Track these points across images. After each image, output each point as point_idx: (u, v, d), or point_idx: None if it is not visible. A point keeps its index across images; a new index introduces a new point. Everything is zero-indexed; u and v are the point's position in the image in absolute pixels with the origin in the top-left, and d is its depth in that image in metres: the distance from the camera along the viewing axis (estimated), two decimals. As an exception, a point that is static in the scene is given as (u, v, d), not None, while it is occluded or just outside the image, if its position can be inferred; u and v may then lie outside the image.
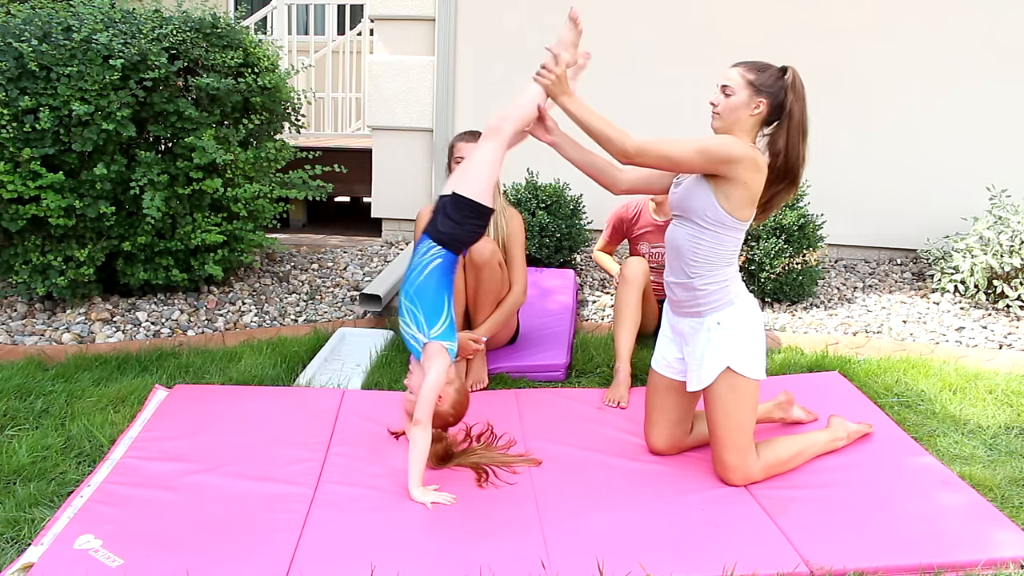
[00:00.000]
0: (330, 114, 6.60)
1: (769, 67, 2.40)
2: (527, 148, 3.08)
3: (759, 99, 2.38)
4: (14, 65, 3.49)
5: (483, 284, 3.19)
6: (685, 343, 2.55)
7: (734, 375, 2.42)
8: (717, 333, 2.44)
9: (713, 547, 2.18)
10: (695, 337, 2.50)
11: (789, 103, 2.37)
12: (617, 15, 4.92)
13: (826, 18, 4.79)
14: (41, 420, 2.83)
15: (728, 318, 2.45)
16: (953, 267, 4.28)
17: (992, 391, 3.20)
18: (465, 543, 2.19)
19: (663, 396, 2.64)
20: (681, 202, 2.48)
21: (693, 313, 2.49)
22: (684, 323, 2.54)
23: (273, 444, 2.69)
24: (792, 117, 2.38)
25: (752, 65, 2.40)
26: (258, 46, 4.13)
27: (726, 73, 2.42)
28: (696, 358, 2.49)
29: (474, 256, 3.15)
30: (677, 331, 2.58)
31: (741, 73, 2.39)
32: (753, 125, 2.42)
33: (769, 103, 2.38)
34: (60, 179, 3.54)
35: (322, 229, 5.76)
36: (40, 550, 2.09)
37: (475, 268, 3.16)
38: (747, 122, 2.41)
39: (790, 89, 2.37)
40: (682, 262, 2.48)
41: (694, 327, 2.50)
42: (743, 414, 2.45)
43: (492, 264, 3.17)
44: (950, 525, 2.27)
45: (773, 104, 2.38)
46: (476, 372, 3.22)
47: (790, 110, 2.38)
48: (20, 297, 3.90)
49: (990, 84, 4.72)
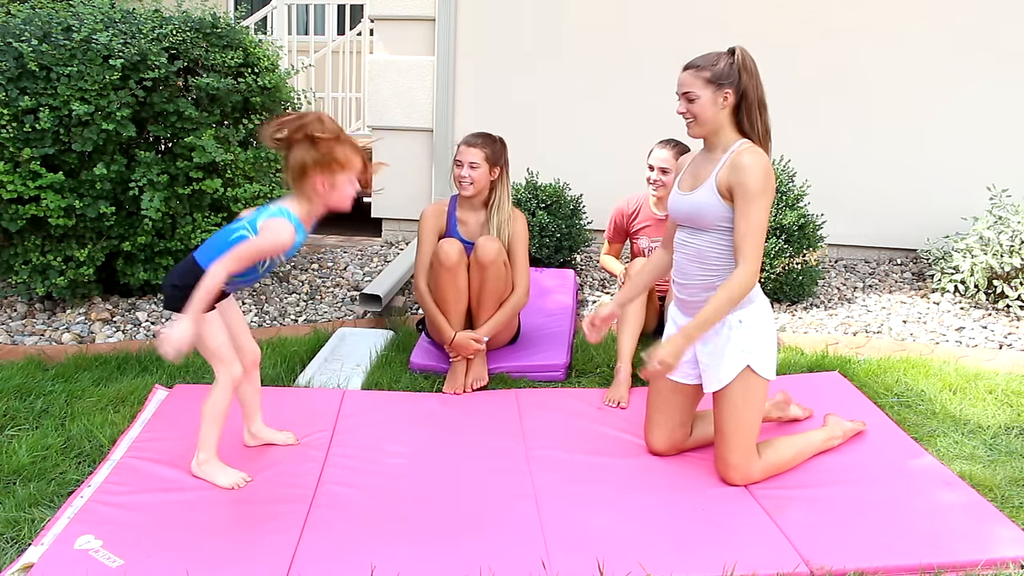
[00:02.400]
0: (330, 114, 6.59)
1: (718, 56, 2.40)
2: (527, 148, 3.08)
3: (724, 91, 2.39)
4: (14, 65, 3.49)
5: (487, 283, 3.19)
6: (702, 343, 2.51)
7: (751, 374, 2.42)
8: (739, 331, 2.43)
9: (713, 547, 2.18)
10: (715, 336, 2.47)
11: (744, 83, 2.38)
12: (618, 16, 4.92)
13: (827, 18, 4.79)
14: (41, 420, 2.83)
15: (749, 316, 2.44)
16: (953, 267, 4.28)
17: (992, 391, 3.20)
18: (465, 543, 2.19)
19: (667, 399, 2.64)
20: (694, 217, 2.45)
21: None
22: None
23: (273, 445, 2.69)
24: (748, 96, 2.39)
25: (702, 62, 2.40)
26: (258, 46, 4.13)
27: (681, 79, 2.43)
28: (715, 357, 2.47)
29: (479, 255, 3.15)
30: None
31: (695, 75, 2.40)
32: (727, 116, 2.42)
33: (734, 90, 2.39)
34: (60, 179, 3.54)
35: (322, 229, 5.75)
36: (40, 550, 2.09)
37: (480, 267, 3.16)
38: (721, 116, 2.42)
39: (742, 69, 2.38)
40: (703, 266, 2.46)
41: (715, 327, 2.46)
42: (752, 415, 2.45)
43: (497, 264, 3.17)
44: (950, 525, 2.27)
45: (737, 90, 2.40)
46: (476, 371, 3.22)
47: (745, 90, 2.39)
48: (20, 297, 3.90)
49: (990, 84, 4.72)
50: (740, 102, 2.41)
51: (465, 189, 3.24)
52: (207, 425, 2.43)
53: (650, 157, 3.57)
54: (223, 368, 2.41)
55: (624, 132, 4.97)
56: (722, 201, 2.39)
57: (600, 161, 5.02)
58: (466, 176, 3.23)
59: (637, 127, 4.92)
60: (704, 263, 2.46)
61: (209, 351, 2.40)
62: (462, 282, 3.20)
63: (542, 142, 5.02)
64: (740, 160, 2.35)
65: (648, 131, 4.65)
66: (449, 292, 3.19)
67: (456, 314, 3.23)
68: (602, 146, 5.03)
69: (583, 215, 4.70)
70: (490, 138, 3.29)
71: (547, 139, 5.05)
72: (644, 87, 4.93)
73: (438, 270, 3.18)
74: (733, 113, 2.43)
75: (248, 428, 2.67)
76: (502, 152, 3.30)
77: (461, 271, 3.18)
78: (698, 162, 2.53)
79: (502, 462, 2.64)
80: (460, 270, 3.18)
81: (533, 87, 5.05)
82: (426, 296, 3.27)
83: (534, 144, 4.96)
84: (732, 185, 2.36)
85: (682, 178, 2.56)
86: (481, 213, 3.33)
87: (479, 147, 3.23)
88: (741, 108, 2.41)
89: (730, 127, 2.43)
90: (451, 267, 3.15)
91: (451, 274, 3.16)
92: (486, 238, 3.19)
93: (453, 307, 3.22)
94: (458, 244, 3.19)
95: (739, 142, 2.42)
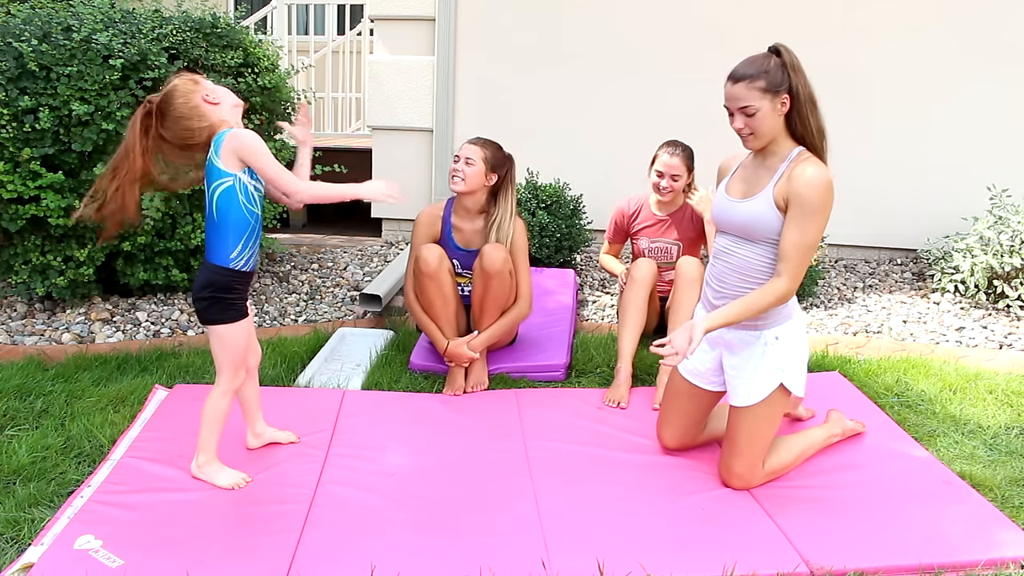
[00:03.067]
0: (330, 114, 6.60)
1: (766, 61, 2.26)
2: (527, 148, 3.09)
3: (781, 97, 2.27)
4: (14, 65, 3.49)
5: (491, 292, 3.16)
6: (732, 353, 2.45)
7: (781, 392, 2.37)
8: (774, 348, 2.37)
9: (713, 547, 2.18)
10: (747, 349, 2.41)
11: (795, 84, 2.26)
12: (617, 16, 4.92)
13: (827, 18, 4.79)
14: (41, 420, 2.83)
15: (786, 332, 2.38)
16: (953, 267, 4.28)
17: (992, 391, 3.20)
18: (465, 543, 2.19)
19: (685, 401, 2.60)
20: (748, 228, 2.35)
21: (749, 326, 2.39)
22: (733, 334, 2.43)
23: (273, 444, 2.69)
24: (799, 97, 2.27)
25: (753, 71, 2.25)
26: (258, 46, 4.13)
27: (733, 93, 2.28)
28: (747, 371, 2.40)
29: (485, 264, 3.10)
30: (721, 341, 2.48)
31: (749, 86, 2.25)
32: (782, 122, 2.32)
33: (790, 94, 2.28)
34: (60, 179, 3.54)
35: (322, 229, 5.76)
36: (40, 550, 2.09)
37: (485, 276, 3.12)
38: (779, 123, 2.31)
39: (792, 70, 2.26)
40: (746, 279, 2.36)
41: (746, 340, 2.41)
42: (770, 430, 2.41)
43: (503, 273, 3.13)
44: (950, 525, 2.27)
45: (792, 92, 2.28)
46: (476, 376, 3.21)
47: (797, 91, 2.27)
48: (20, 297, 3.90)
49: (991, 85, 4.72)
50: (794, 104, 2.28)
51: (455, 183, 3.17)
52: (207, 427, 2.43)
53: (656, 163, 3.51)
54: (229, 376, 2.39)
55: (624, 132, 4.97)
56: (779, 214, 2.28)
57: (600, 161, 5.02)
58: (459, 170, 3.16)
59: (637, 127, 4.92)
60: (746, 275, 2.37)
61: (226, 356, 2.37)
62: (447, 287, 3.17)
63: (542, 142, 5.02)
64: (803, 172, 2.24)
65: (648, 131, 4.66)
66: (435, 299, 3.16)
67: (446, 319, 3.20)
68: (602, 146, 5.03)
69: (583, 215, 4.70)
70: (496, 145, 3.23)
71: (547, 139, 5.05)
72: (644, 87, 4.93)
73: (420, 278, 3.13)
74: (787, 117, 2.31)
75: (251, 430, 2.66)
76: (505, 162, 3.21)
77: (444, 276, 3.14)
78: (751, 167, 2.41)
79: (502, 462, 2.63)
80: (443, 275, 3.13)
81: (533, 87, 5.05)
82: (415, 305, 3.24)
83: (534, 144, 4.96)
84: (790, 196, 2.25)
85: (731, 183, 2.44)
86: (477, 220, 3.27)
87: (481, 147, 3.18)
88: (793, 110, 2.29)
89: (783, 132, 2.32)
90: (432, 273, 3.11)
91: (434, 281, 3.13)
92: (492, 246, 3.13)
93: (442, 313, 3.19)
94: (438, 249, 3.14)
95: (797, 150, 2.32)
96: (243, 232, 2.31)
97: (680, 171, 3.46)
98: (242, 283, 2.36)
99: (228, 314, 2.33)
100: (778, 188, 2.30)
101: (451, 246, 3.26)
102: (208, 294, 2.31)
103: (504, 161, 3.22)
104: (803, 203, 2.25)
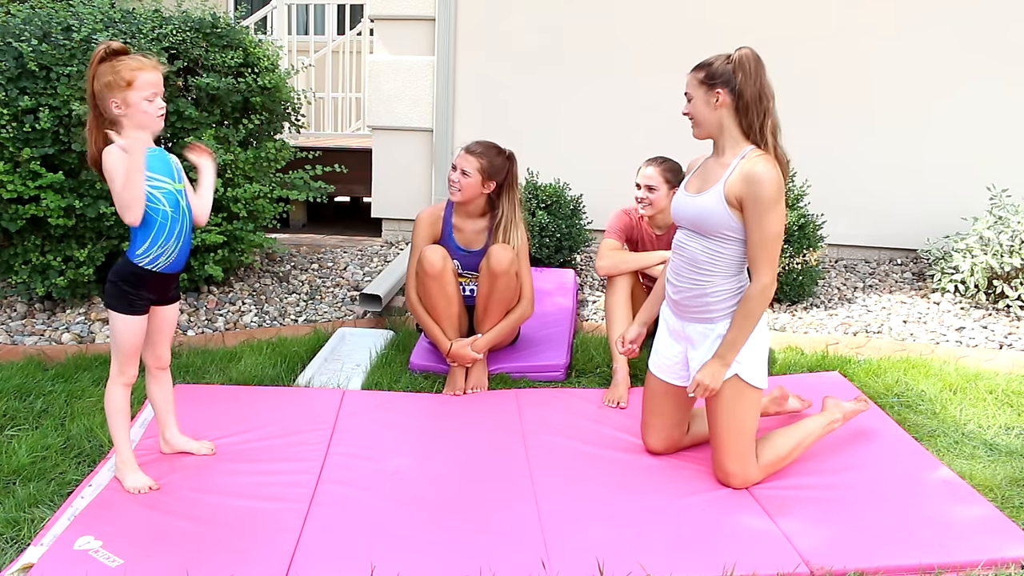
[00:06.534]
0: (330, 114, 6.60)
1: (717, 58, 2.37)
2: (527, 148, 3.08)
3: (715, 91, 2.35)
4: (14, 65, 3.49)
5: (496, 292, 3.16)
6: (692, 347, 2.51)
7: (741, 383, 2.40)
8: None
9: (713, 547, 2.18)
10: (704, 342, 2.46)
11: (740, 83, 2.33)
12: (617, 17, 4.92)
13: (825, 16, 4.78)
14: (41, 420, 2.83)
15: None
16: (953, 267, 4.28)
17: (992, 391, 3.20)
18: (465, 543, 2.18)
19: (661, 400, 2.63)
20: (698, 222, 2.42)
21: (704, 319, 2.45)
22: (692, 328, 2.49)
23: (273, 444, 2.69)
24: (743, 96, 2.34)
25: (701, 63, 2.39)
26: (258, 46, 4.13)
27: (686, 80, 2.43)
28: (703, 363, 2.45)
29: (492, 264, 3.10)
30: (682, 335, 2.53)
31: (692, 75, 2.40)
32: (729, 118, 2.38)
33: (727, 90, 2.35)
34: (60, 179, 3.54)
35: (322, 229, 5.76)
36: (40, 550, 2.08)
37: (491, 276, 3.12)
38: (718, 117, 2.38)
39: (737, 69, 2.33)
40: (697, 271, 2.43)
41: (703, 332, 2.46)
42: (747, 421, 2.43)
43: (509, 274, 3.14)
44: (951, 525, 2.27)
45: (732, 89, 2.34)
46: (476, 377, 3.21)
47: (740, 89, 2.33)
48: (20, 297, 3.89)
49: (991, 84, 4.71)
50: (738, 103, 2.36)
51: (452, 194, 3.20)
52: (110, 422, 2.42)
53: (638, 175, 3.50)
54: (118, 367, 2.39)
55: (624, 132, 4.97)
56: (728, 210, 2.35)
57: (600, 161, 5.01)
58: (456, 181, 3.17)
59: (637, 127, 4.92)
60: (697, 268, 2.43)
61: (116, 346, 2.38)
62: (450, 288, 3.17)
63: (542, 142, 5.02)
64: (751, 171, 2.30)
65: (648, 131, 4.66)
66: (439, 300, 3.16)
67: (449, 320, 3.20)
68: (603, 146, 5.03)
69: (583, 215, 4.70)
70: (493, 150, 3.20)
71: (547, 139, 5.05)
72: (644, 87, 4.93)
73: (423, 279, 3.14)
74: (735, 115, 2.38)
75: (162, 435, 2.62)
76: (504, 167, 3.20)
77: (448, 276, 3.15)
78: (708, 165, 2.47)
79: (502, 462, 2.64)
80: (446, 276, 3.14)
81: (533, 87, 5.05)
82: (417, 307, 3.24)
83: (534, 144, 4.95)
84: (743, 196, 2.32)
85: (690, 179, 2.52)
86: (478, 221, 3.28)
87: (476, 156, 3.15)
88: (737, 108, 2.36)
89: (735, 130, 2.38)
90: (436, 274, 3.11)
91: (437, 282, 3.13)
92: (500, 246, 3.13)
93: (445, 313, 3.19)
94: (441, 250, 3.14)
95: (747, 148, 2.37)
96: (149, 230, 2.33)
97: (655, 181, 3.29)
98: (146, 281, 2.36)
99: (121, 304, 2.36)
100: (728, 185, 2.36)
101: (452, 246, 3.26)
102: (111, 279, 2.37)
103: (503, 165, 3.20)
104: (756, 201, 2.31)
